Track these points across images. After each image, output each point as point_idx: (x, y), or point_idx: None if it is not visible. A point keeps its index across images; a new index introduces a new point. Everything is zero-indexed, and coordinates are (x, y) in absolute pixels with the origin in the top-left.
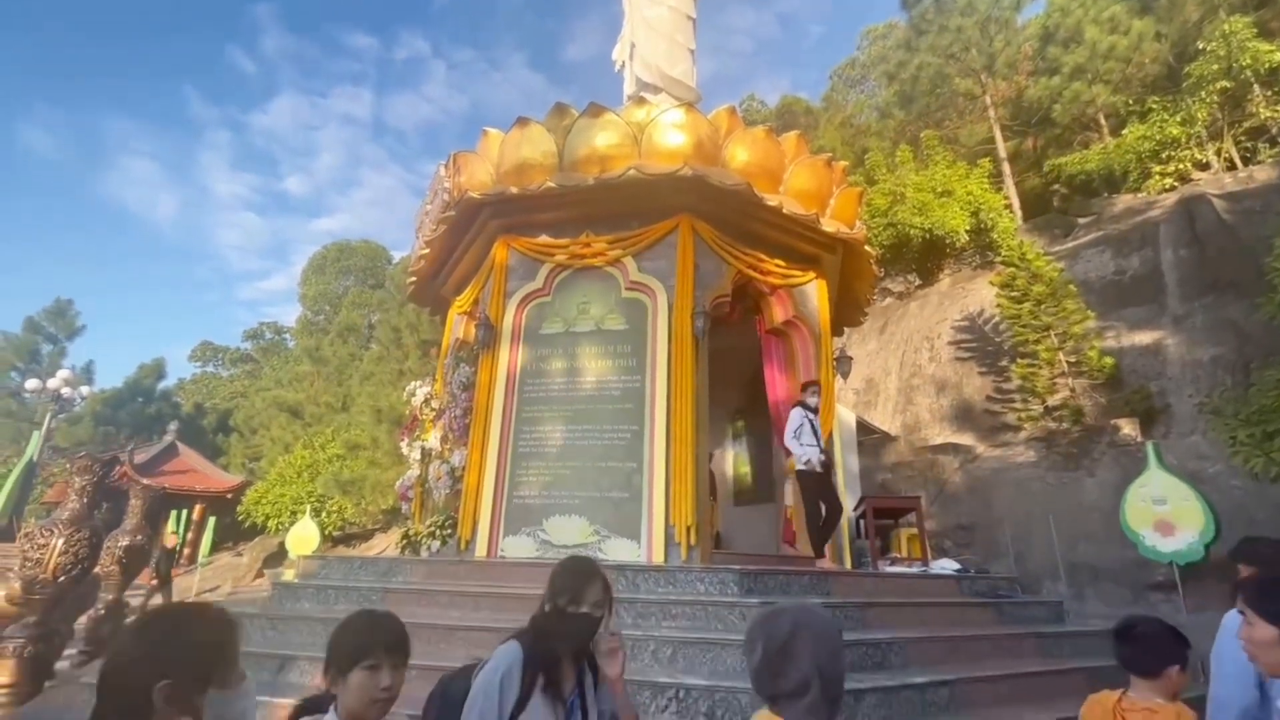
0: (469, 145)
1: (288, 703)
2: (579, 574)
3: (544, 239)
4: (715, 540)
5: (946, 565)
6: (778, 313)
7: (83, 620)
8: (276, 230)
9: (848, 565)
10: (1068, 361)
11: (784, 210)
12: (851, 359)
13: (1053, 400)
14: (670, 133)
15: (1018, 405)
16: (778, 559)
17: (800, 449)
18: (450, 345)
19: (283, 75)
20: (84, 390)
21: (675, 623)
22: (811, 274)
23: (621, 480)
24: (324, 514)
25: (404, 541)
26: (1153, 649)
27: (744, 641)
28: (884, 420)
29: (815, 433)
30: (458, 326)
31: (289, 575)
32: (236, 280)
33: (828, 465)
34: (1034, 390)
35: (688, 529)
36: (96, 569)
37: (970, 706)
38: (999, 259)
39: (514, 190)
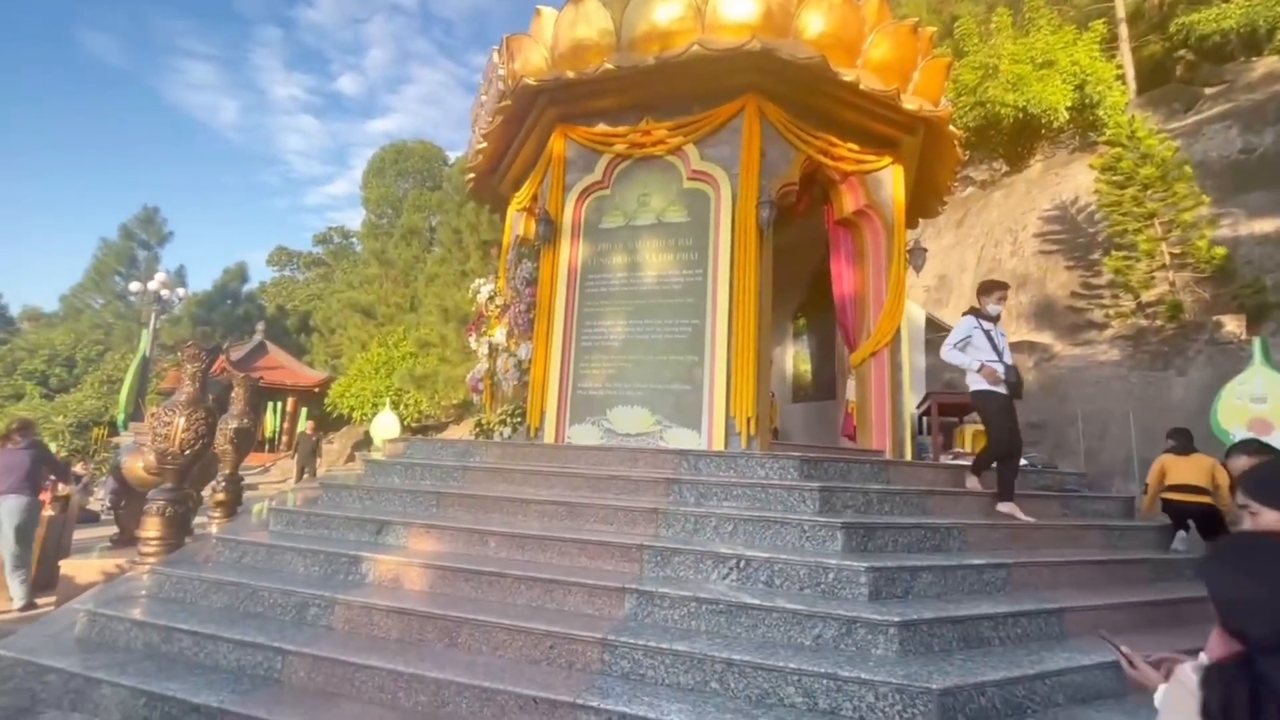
0: (521, 29)
1: (389, 559)
2: None
3: (602, 127)
4: (773, 434)
5: None
6: (848, 202)
7: (207, 490)
8: (335, 133)
9: (907, 458)
10: (1170, 253)
11: (861, 86)
12: (926, 251)
13: (1148, 295)
14: (736, 2)
15: (1106, 301)
16: (837, 449)
17: (967, 361)
18: (511, 242)
19: None
20: (180, 292)
21: (736, 503)
22: (888, 159)
23: (683, 373)
24: (401, 406)
25: (477, 430)
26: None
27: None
28: (955, 318)
29: (995, 346)
30: (517, 223)
31: (378, 455)
32: (302, 185)
33: (1015, 386)
34: (1127, 285)
35: (748, 420)
36: (213, 448)
37: (1026, 588)
38: (1102, 139)
39: (570, 75)
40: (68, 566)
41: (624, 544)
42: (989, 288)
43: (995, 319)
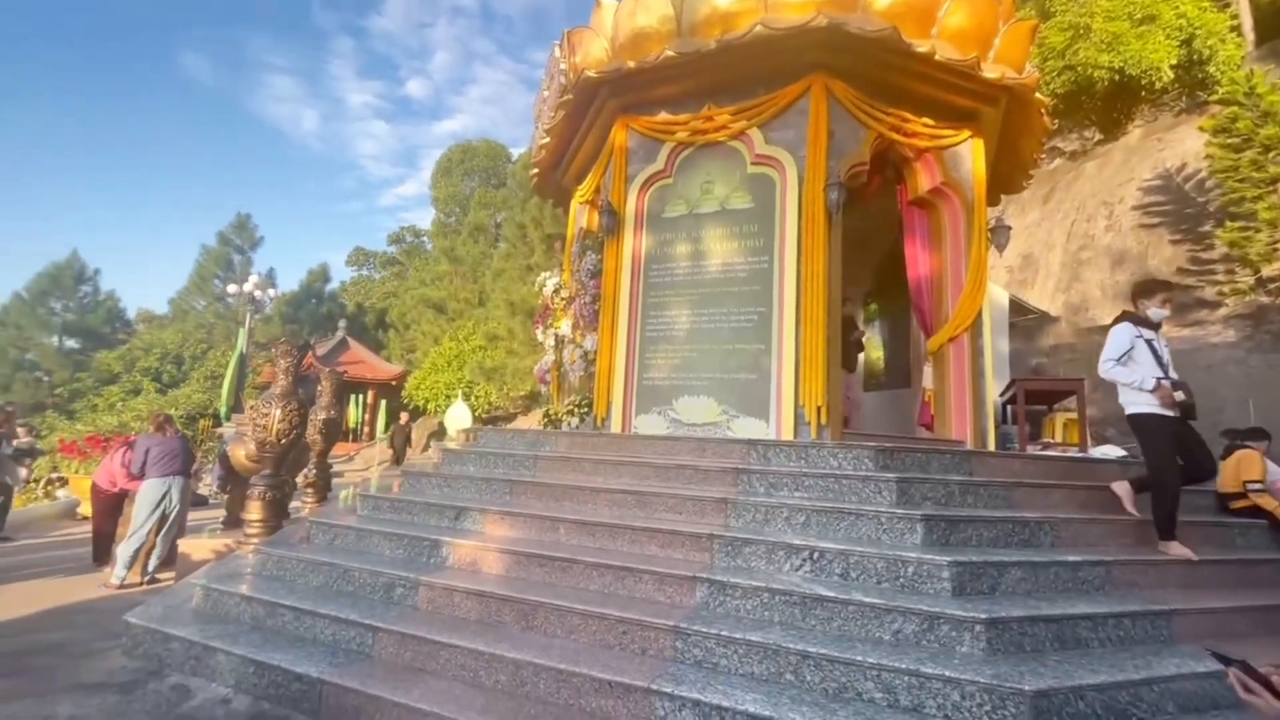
0: (580, 23)
1: (467, 544)
2: None
3: (663, 116)
4: (844, 422)
5: (1109, 451)
6: (923, 180)
7: (300, 477)
8: (404, 136)
9: (991, 448)
10: None
11: (937, 57)
12: (1009, 229)
13: (1269, 270)
14: None
15: (1220, 277)
16: (913, 439)
17: (1134, 379)
18: (575, 235)
19: None
20: (271, 293)
21: (807, 494)
22: (966, 132)
23: (749, 362)
24: (472, 398)
25: (545, 420)
26: None
27: None
28: (1041, 300)
29: (1159, 358)
30: (581, 216)
31: (453, 445)
32: (376, 188)
33: (1190, 408)
34: (1245, 258)
35: (818, 409)
36: (305, 437)
37: (1128, 588)
38: (1214, 98)
39: (631, 64)
40: (184, 545)
41: (694, 533)
42: (1150, 288)
43: (1157, 326)
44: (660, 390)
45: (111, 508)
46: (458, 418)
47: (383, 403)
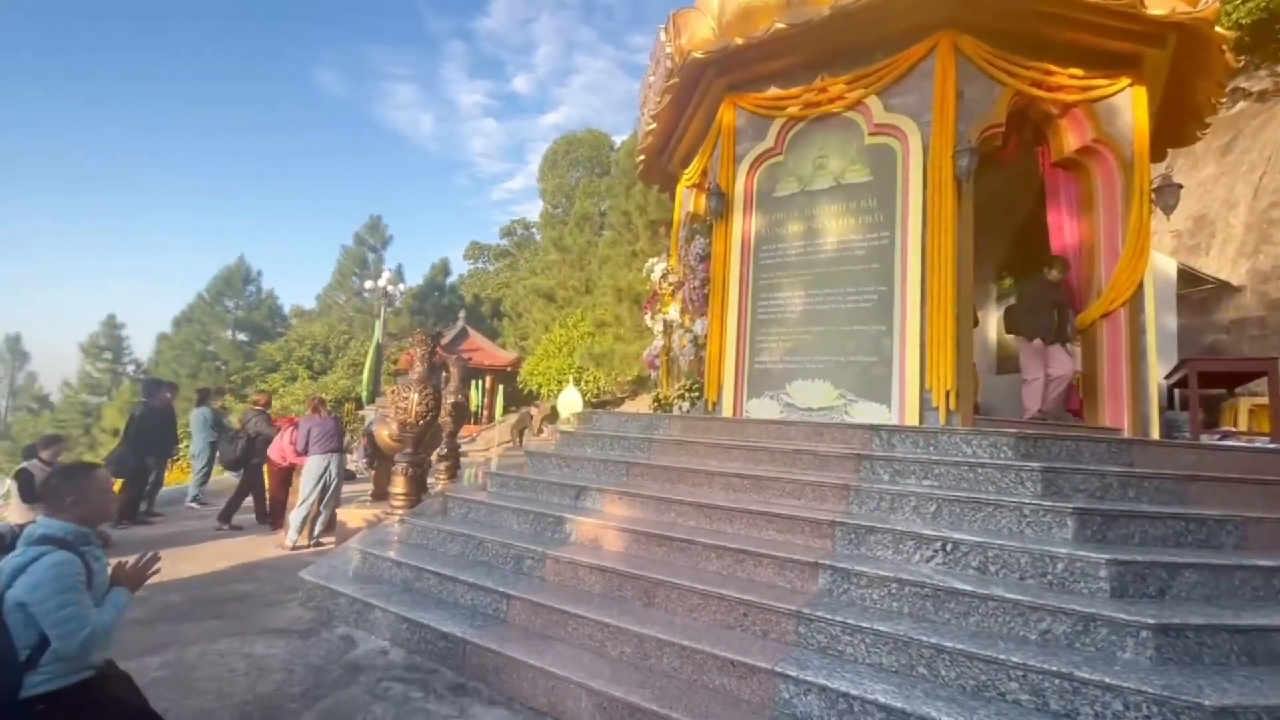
0: (685, 4)
1: (588, 521)
2: None
3: (773, 92)
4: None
5: None
6: (1070, 138)
7: (433, 455)
8: (511, 131)
9: (1154, 436)
10: None
11: None
12: (1179, 188)
13: None
14: None
15: None
16: (1059, 426)
17: None
18: (682, 220)
19: None
20: (400, 288)
21: (936, 482)
22: (1124, 80)
23: (869, 344)
24: (582, 383)
25: (655, 405)
26: None
27: None
28: (1219, 268)
29: None
30: (687, 200)
31: (569, 427)
32: (487, 184)
33: None
34: None
35: (947, 393)
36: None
37: None
38: None
39: (738, 41)
40: (341, 514)
41: (813, 519)
42: None
43: None
44: (773, 374)
45: (283, 479)
46: (569, 402)
47: (500, 388)
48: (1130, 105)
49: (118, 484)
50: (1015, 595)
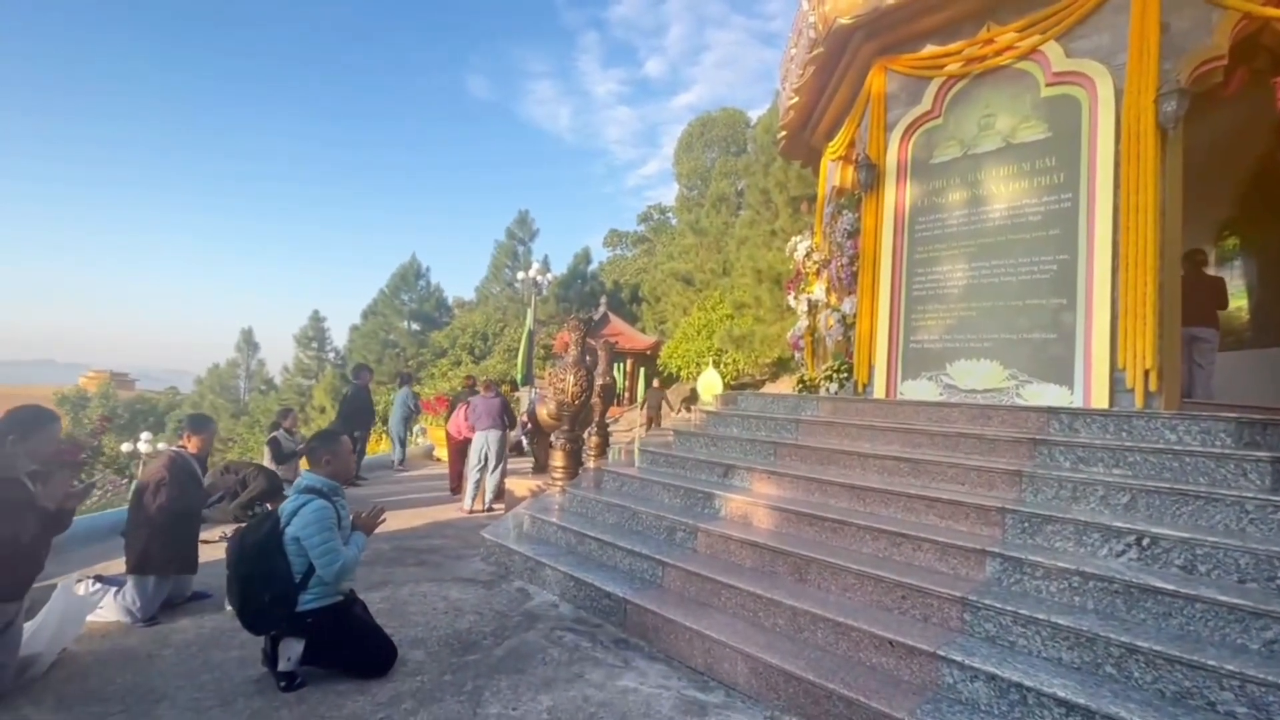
0: None
1: (737, 498)
2: None
3: (929, 49)
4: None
5: None
6: None
7: (585, 433)
8: (644, 116)
9: None
10: None
11: None
12: None
13: None
14: None
15: None
16: None
17: None
18: (827, 195)
19: None
20: (548, 277)
21: (1131, 471)
22: None
23: (1045, 319)
24: (721, 365)
25: (800, 386)
26: None
27: None
28: None
29: None
30: (833, 174)
31: (710, 407)
32: (622, 171)
33: None
34: None
35: (1145, 373)
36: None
37: None
38: None
39: (890, 0)
40: (509, 483)
41: (980, 505)
42: None
43: None
44: (931, 354)
45: (459, 451)
46: (709, 383)
47: (641, 370)
48: None
49: None
50: (1232, 599)
